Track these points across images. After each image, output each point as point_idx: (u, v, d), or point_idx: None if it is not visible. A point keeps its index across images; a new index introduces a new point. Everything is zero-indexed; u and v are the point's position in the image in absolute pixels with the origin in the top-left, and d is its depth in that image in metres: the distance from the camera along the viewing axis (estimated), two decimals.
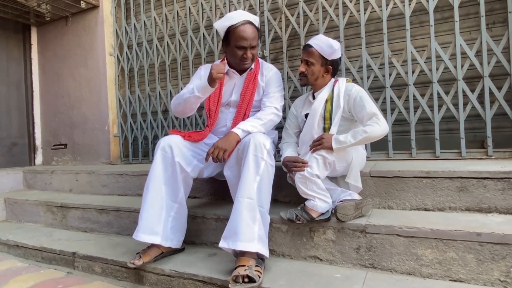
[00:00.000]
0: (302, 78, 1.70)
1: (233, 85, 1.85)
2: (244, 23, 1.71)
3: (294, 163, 1.55)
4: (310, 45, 1.66)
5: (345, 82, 1.67)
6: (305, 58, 1.67)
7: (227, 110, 1.86)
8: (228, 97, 1.85)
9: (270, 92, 1.83)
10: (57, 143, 3.53)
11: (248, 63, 1.78)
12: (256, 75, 1.83)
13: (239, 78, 1.85)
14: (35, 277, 1.75)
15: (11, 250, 2.13)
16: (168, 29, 2.91)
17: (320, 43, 1.65)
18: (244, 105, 1.79)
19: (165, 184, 1.61)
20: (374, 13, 2.15)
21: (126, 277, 1.65)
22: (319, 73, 1.67)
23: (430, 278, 1.31)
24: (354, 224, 1.45)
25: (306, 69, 1.67)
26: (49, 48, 3.56)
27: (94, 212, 2.20)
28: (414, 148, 2.03)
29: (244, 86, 1.81)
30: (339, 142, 1.47)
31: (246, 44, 1.70)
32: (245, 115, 1.79)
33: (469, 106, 1.92)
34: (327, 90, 1.68)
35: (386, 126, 1.50)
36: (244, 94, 1.80)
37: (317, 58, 1.65)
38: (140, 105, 3.08)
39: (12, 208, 2.67)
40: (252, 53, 1.75)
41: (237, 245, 1.36)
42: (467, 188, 1.52)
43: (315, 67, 1.66)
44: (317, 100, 1.67)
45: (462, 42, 1.93)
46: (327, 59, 1.65)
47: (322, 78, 1.69)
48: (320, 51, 1.64)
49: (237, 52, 1.73)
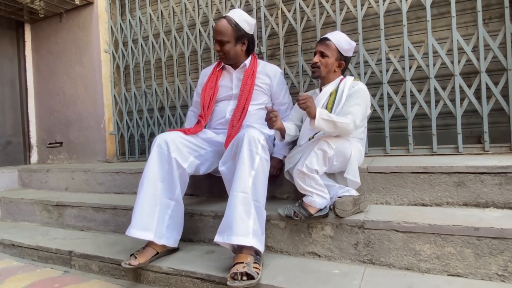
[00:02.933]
0: (316, 70, 1.72)
1: (230, 79, 1.95)
2: (220, 18, 1.85)
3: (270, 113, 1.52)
4: (328, 39, 1.70)
5: (352, 79, 1.71)
6: (321, 50, 1.69)
7: (227, 102, 1.92)
8: (229, 91, 1.94)
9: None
10: (53, 142, 3.50)
11: (223, 57, 1.88)
12: (254, 71, 1.90)
13: (235, 73, 1.94)
14: (31, 276, 1.73)
15: (7, 250, 2.11)
16: (164, 25, 2.88)
17: (339, 38, 1.70)
18: (243, 99, 1.86)
19: (161, 181, 1.60)
20: (371, 8, 2.14)
21: (124, 276, 1.63)
22: (332, 66, 1.70)
23: (428, 273, 1.31)
24: (352, 220, 1.44)
25: (320, 60, 1.69)
26: (43, 46, 3.51)
27: (90, 211, 2.18)
28: (411, 144, 2.03)
29: (243, 81, 1.88)
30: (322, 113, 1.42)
31: (216, 37, 1.83)
32: (244, 108, 1.85)
33: (466, 102, 1.93)
34: (333, 84, 1.73)
35: (352, 130, 1.50)
36: (243, 89, 1.87)
37: (333, 51, 1.69)
38: (136, 102, 3.06)
39: (7, 207, 2.65)
40: (224, 48, 1.82)
41: (232, 239, 1.35)
42: (465, 183, 1.52)
43: (329, 59, 1.69)
44: (322, 92, 1.72)
45: (459, 38, 1.93)
46: (342, 55, 1.69)
47: (333, 73, 1.73)
48: (338, 45, 1.68)
49: (215, 47, 1.87)
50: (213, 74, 1.98)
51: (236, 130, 1.77)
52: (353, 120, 1.50)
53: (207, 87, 1.95)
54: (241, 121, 1.82)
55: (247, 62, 1.91)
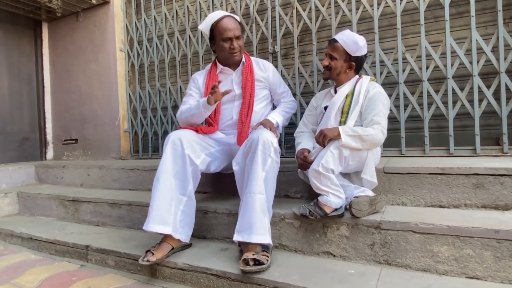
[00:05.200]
0: (325, 72, 1.72)
1: (230, 81, 1.94)
2: (224, 17, 1.83)
3: (303, 161, 1.60)
4: (336, 40, 1.67)
5: (369, 80, 1.68)
6: (329, 52, 1.68)
7: (232, 104, 1.93)
8: (232, 92, 1.90)
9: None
10: (68, 138, 3.56)
11: (237, 54, 1.87)
12: (251, 68, 1.92)
13: (234, 73, 1.94)
14: (49, 269, 1.78)
15: (25, 243, 2.16)
16: (179, 24, 2.91)
17: (345, 39, 1.65)
18: (247, 96, 1.88)
19: (174, 177, 1.63)
20: (387, 7, 2.12)
21: (139, 271, 1.66)
22: (341, 68, 1.68)
23: (446, 275, 1.30)
24: (368, 220, 1.44)
25: (329, 63, 1.68)
26: (60, 44, 3.58)
27: (106, 206, 2.22)
28: (427, 144, 2.00)
29: (243, 79, 1.90)
30: (345, 130, 1.47)
31: (231, 35, 1.81)
32: (250, 105, 1.87)
33: (484, 103, 1.89)
34: (349, 85, 1.69)
35: (383, 140, 1.53)
36: (245, 86, 1.89)
37: (341, 53, 1.66)
38: (150, 100, 3.09)
39: (25, 202, 2.71)
40: (239, 43, 1.85)
41: (252, 238, 1.42)
42: (483, 185, 1.50)
43: (338, 62, 1.67)
44: (338, 94, 1.69)
45: (478, 37, 1.90)
46: (351, 55, 1.65)
47: (344, 74, 1.70)
48: (345, 46, 1.65)
49: (225, 45, 1.83)
50: (210, 80, 1.92)
51: (247, 126, 1.82)
52: (381, 129, 1.51)
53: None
54: (249, 116, 1.85)
55: (244, 61, 1.93)
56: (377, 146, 1.57)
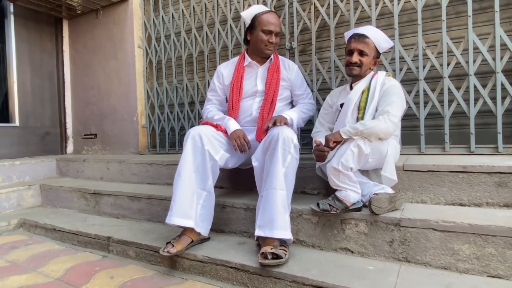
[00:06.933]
0: (355, 68, 1.65)
1: (255, 75, 1.96)
2: (270, 11, 1.91)
3: (319, 152, 1.55)
4: (366, 36, 1.63)
5: (385, 75, 1.66)
6: (360, 48, 1.63)
7: (252, 100, 1.94)
8: (254, 88, 1.95)
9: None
10: (88, 133, 3.65)
11: (271, 49, 1.91)
12: (278, 66, 1.95)
13: (260, 69, 1.96)
14: (72, 259, 1.84)
15: (49, 234, 2.24)
16: (196, 21, 2.94)
17: (377, 36, 1.64)
18: (270, 93, 1.90)
19: (194, 172, 1.66)
20: (408, 3, 2.09)
21: (160, 262, 1.70)
22: (369, 65, 1.67)
23: (466, 273, 1.29)
24: (387, 217, 1.43)
25: (359, 59, 1.64)
26: (80, 41, 3.66)
27: (126, 199, 2.28)
28: (447, 142, 1.98)
29: (269, 75, 1.92)
30: (344, 131, 1.49)
31: (273, 28, 1.87)
32: (272, 103, 1.89)
33: (507, 100, 1.85)
34: (365, 81, 1.68)
35: (392, 128, 1.50)
36: (270, 83, 1.91)
37: (371, 50, 1.64)
38: (167, 97, 3.14)
39: (47, 194, 2.80)
40: (276, 40, 1.90)
41: (274, 233, 1.44)
42: (506, 184, 1.48)
43: (368, 58, 1.64)
44: (353, 91, 1.67)
45: (502, 33, 1.85)
46: (379, 52, 1.65)
47: (369, 70, 1.69)
48: (377, 43, 1.64)
49: (263, 37, 1.87)
50: (237, 71, 1.97)
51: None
52: (387, 118, 1.48)
53: (234, 87, 1.95)
54: (270, 114, 1.87)
55: (272, 57, 1.95)
56: (387, 135, 1.51)
